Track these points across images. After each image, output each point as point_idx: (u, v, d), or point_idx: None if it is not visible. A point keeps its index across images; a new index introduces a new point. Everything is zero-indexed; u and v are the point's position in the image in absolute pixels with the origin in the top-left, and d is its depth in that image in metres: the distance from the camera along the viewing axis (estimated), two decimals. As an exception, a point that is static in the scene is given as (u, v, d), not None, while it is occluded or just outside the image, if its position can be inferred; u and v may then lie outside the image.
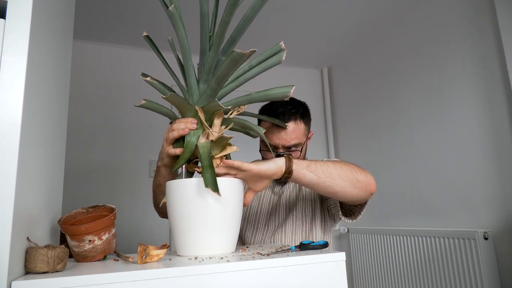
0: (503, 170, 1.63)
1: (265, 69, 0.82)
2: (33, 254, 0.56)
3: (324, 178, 0.90)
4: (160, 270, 0.55)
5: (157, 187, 1.00)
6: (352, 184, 0.93)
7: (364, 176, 0.95)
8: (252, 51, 0.67)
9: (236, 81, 0.82)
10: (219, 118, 0.80)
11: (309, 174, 0.89)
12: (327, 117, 2.97)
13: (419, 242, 1.95)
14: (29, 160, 0.60)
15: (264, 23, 2.27)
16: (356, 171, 0.95)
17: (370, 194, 0.97)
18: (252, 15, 0.76)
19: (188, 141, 0.78)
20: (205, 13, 0.80)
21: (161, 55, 0.86)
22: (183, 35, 0.76)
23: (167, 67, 0.86)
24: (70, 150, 2.20)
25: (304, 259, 0.65)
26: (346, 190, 0.93)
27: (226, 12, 0.72)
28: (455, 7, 1.89)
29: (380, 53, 2.45)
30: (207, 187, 0.68)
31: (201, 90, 0.80)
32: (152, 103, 0.79)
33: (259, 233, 1.15)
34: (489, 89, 1.70)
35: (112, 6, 2.11)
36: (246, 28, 0.78)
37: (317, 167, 0.90)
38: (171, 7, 0.72)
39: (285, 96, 0.80)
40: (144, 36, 0.85)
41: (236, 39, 0.79)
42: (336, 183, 0.91)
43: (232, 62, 0.69)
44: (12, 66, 0.55)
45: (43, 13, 0.67)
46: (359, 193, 0.95)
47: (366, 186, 0.95)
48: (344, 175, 0.92)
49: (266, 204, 1.19)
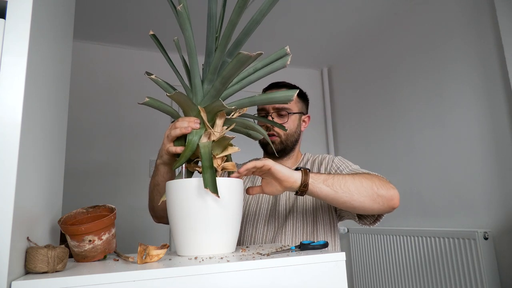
0: (503, 170, 1.63)
1: (269, 72, 0.82)
2: (33, 254, 0.56)
3: (341, 193, 0.88)
4: (160, 270, 0.55)
5: (155, 187, 1.00)
6: (371, 199, 0.91)
7: (387, 190, 0.93)
8: (259, 53, 0.68)
9: (240, 83, 0.83)
10: (221, 118, 0.80)
11: (326, 189, 0.88)
12: (327, 117, 2.97)
13: (419, 242, 1.95)
14: (29, 160, 0.60)
15: (264, 23, 2.26)
16: (378, 185, 0.92)
17: (392, 208, 0.95)
18: (260, 18, 0.77)
19: (190, 140, 0.78)
20: (213, 14, 0.80)
21: (166, 54, 0.86)
22: (190, 34, 0.76)
23: (172, 66, 0.86)
24: (70, 150, 2.19)
25: (304, 259, 0.65)
26: (366, 206, 0.91)
27: (235, 13, 0.72)
28: (455, 7, 1.89)
29: (380, 53, 2.45)
30: (206, 188, 0.68)
31: (205, 90, 0.81)
32: (155, 101, 0.80)
33: (258, 233, 1.15)
34: (489, 89, 1.70)
35: (112, 6, 2.11)
36: (253, 31, 0.78)
37: (335, 181, 0.89)
38: (180, 6, 0.73)
39: (289, 100, 0.80)
40: (151, 35, 0.85)
41: (242, 41, 0.79)
42: (355, 198, 0.89)
43: (238, 63, 0.69)
44: (12, 66, 0.55)
45: (43, 13, 0.67)
46: (380, 208, 0.93)
47: (388, 202, 0.93)
48: (363, 190, 0.90)
49: (265, 204, 1.19)
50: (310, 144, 2.86)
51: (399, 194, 0.94)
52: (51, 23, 0.75)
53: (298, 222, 1.14)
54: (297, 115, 1.23)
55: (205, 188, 0.68)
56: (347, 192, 0.88)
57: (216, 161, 0.80)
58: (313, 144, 2.89)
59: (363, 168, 1.11)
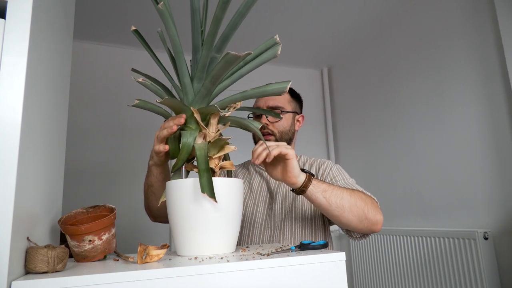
0: (503, 170, 1.63)
1: (259, 64, 0.80)
2: (33, 254, 0.56)
3: (334, 207, 0.93)
4: (160, 270, 0.55)
5: (149, 188, 1.00)
6: (359, 220, 0.96)
7: (374, 215, 0.98)
8: (248, 53, 0.66)
9: (230, 78, 0.81)
10: (216, 117, 0.79)
11: (322, 199, 0.92)
12: (327, 117, 2.97)
13: (419, 242, 1.95)
14: (29, 160, 0.60)
15: (264, 23, 2.27)
16: (369, 208, 0.97)
17: (373, 232, 1.00)
18: (246, 11, 0.74)
19: (185, 142, 0.77)
20: (196, 8, 0.78)
21: (152, 51, 0.83)
22: (174, 32, 0.73)
23: (159, 65, 0.84)
24: (70, 150, 2.19)
25: (304, 259, 0.65)
26: (351, 224, 0.96)
27: (219, 9, 0.70)
28: (455, 7, 1.89)
29: (380, 53, 2.45)
30: (203, 192, 0.67)
31: (196, 89, 0.79)
32: (145, 102, 0.78)
33: (255, 233, 1.15)
34: (489, 89, 1.70)
35: (111, 6, 2.11)
36: (239, 24, 0.76)
37: (332, 195, 0.93)
38: (160, 4, 0.70)
39: (282, 91, 0.79)
40: (133, 31, 0.82)
41: (229, 36, 0.77)
42: (344, 215, 0.94)
43: (226, 63, 0.68)
44: (12, 66, 0.55)
45: (43, 13, 0.67)
46: (363, 229, 0.98)
47: (372, 225, 0.98)
48: (355, 210, 0.95)
49: (262, 204, 1.19)
50: (310, 144, 2.86)
51: (383, 220, 1.00)
52: (51, 23, 0.75)
53: (295, 223, 1.14)
54: (290, 114, 1.24)
55: (202, 193, 0.67)
56: (340, 208, 0.93)
57: (213, 162, 0.79)
58: (313, 144, 2.89)
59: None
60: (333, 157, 2.88)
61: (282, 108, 1.22)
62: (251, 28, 2.28)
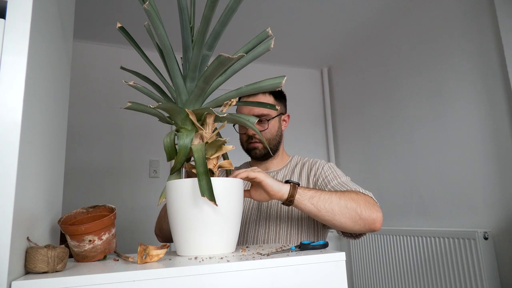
0: (503, 170, 1.63)
1: (253, 58, 0.79)
2: (33, 254, 0.56)
3: (324, 212, 0.92)
4: (160, 270, 0.55)
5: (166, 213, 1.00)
6: (353, 221, 0.94)
7: (370, 213, 0.95)
8: (241, 55, 0.66)
9: (224, 75, 0.80)
10: (211, 116, 0.78)
11: (310, 206, 0.92)
12: (327, 117, 2.97)
13: (419, 242, 1.95)
14: (29, 160, 0.60)
15: (264, 24, 2.27)
16: (362, 208, 0.95)
17: (372, 230, 0.98)
18: (236, 6, 0.73)
19: (182, 144, 0.75)
20: (184, 7, 0.77)
21: (140, 49, 0.81)
22: (163, 32, 0.72)
23: (150, 65, 0.83)
24: (70, 150, 2.19)
25: (304, 259, 0.65)
26: (346, 226, 0.95)
27: (207, 8, 0.68)
28: (455, 6, 1.89)
29: (380, 53, 2.45)
30: (203, 196, 0.66)
31: (189, 88, 0.78)
32: (138, 105, 0.76)
33: (250, 232, 1.14)
34: (489, 88, 1.70)
35: (112, 6, 2.11)
36: (230, 19, 0.74)
37: (320, 200, 0.92)
38: (146, 4, 0.68)
39: (277, 86, 0.78)
40: (118, 28, 0.80)
41: (220, 32, 0.75)
42: (336, 219, 0.93)
43: (219, 65, 0.67)
44: (12, 66, 0.55)
45: (43, 13, 0.67)
46: (360, 229, 0.97)
47: (370, 224, 0.96)
48: (347, 211, 0.93)
49: (255, 203, 1.18)
50: (310, 144, 2.85)
51: (382, 217, 0.97)
52: (51, 23, 0.75)
53: (291, 224, 1.13)
54: (276, 118, 1.22)
55: (202, 197, 0.66)
56: (330, 212, 0.92)
57: (211, 162, 0.78)
58: (313, 144, 2.89)
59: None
60: (333, 157, 2.88)
61: (268, 116, 1.18)
62: (251, 28, 2.28)
